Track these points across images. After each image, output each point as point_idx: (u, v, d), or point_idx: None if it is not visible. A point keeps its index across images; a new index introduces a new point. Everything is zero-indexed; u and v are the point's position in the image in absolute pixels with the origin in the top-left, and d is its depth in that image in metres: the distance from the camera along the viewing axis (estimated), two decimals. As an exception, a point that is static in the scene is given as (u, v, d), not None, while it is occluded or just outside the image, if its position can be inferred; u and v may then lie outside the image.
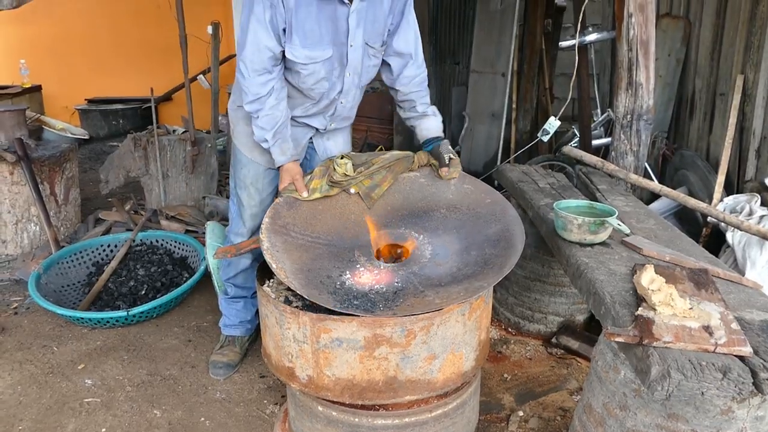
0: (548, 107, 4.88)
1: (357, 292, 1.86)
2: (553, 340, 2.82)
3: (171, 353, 2.86)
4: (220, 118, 5.33)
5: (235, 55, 5.75)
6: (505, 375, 2.65)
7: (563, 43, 4.30)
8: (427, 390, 1.83)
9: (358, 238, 2.11)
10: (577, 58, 3.68)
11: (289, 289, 2.04)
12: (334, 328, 1.74)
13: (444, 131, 2.47)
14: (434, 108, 2.39)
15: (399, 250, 2.12)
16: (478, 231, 2.10)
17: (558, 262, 2.43)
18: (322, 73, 2.16)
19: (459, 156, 2.41)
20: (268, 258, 1.94)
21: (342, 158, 2.19)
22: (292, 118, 2.28)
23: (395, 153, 2.25)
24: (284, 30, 2.05)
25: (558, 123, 3.53)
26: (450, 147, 2.30)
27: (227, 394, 2.57)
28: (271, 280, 2.13)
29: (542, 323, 2.88)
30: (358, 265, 2.00)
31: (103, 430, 2.36)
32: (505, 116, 4.81)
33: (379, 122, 5.54)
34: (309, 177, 2.17)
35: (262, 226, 2.04)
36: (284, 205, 2.11)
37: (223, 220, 3.88)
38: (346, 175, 2.17)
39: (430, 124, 2.35)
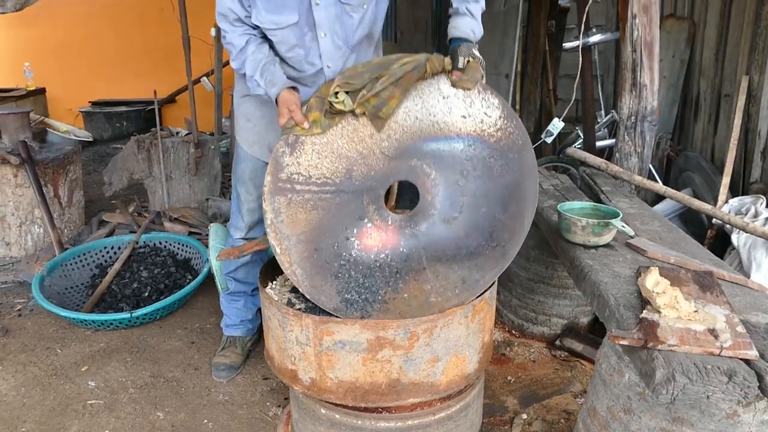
0: (552, 108, 4.87)
1: (362, 270, 1.87)
2: (557, 342, 2.81)
3: (174, 355, 2.86)
4: (223, 120, 5.33)
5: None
6: (509, 377, 2.64)
7: (567, 45, 4.30)
8: (431, 392, 1.82)
9: (367, 177, 1.97)
10: (580, 59, 3.67)
11: (292, 290, 2.04)
12: (336, 330, 1.74)
13: None
14: (477, 7, 2.05)
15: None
16: (493, 176, 1.93)
17: (562, 264, 2.42)
18: (293, 39, 2.10)
19: None
20: (272, 238, 1.89)
21: (337, 94, 1.91)
22: None
23: (405, 60, 1.92)
24: None
25: (562, 124, 3.52)
26: (475, 51, 1.94)
27: (230, 396, 2.56)
28: (274, 282, 2.13)
29: (546, 325, 2.87)
30: (366, 220, 1.95)
31: (107, 431, 2.36)
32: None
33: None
34: (305, 108, 1.96)
35: (264, 188, 1.93)
36: (286, 150, 1.96)
37: (227, 222, 3.87)
38: (343, 105, 1.95)
39: (458, 22, 2.02)
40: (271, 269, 2.12)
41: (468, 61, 1.90)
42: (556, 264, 2.74)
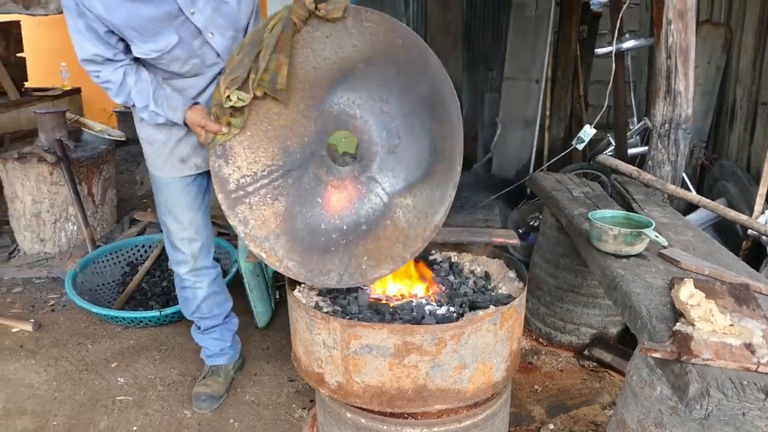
0: (582, 115, 4.82)
1: (342, 233, 1.95)
2: (586, 352, 2.77)
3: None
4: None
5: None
6: (536, 386, 2.61)
7: (599, 50, 4.25)
8: (457, 400, 1.81)
9: (303, 145, 1.99)
10: (613, 65, 3.62)
11: (319, 293, 2.05)
12: (364, 334, 1.74)
13: (476, 138, 2.37)
14: None
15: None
16: (410, 89, 1.94)
17: (592, 273, 2.39)
18: (183, 54, 2.03)
19: (492, 162, 2.20)
20: (252, 247, 1.93)
21: (228, 98, 1.89)
22: None
23: (271, 24, 1.88)
24: (110, 32, 1.95)
25: (593, 131, 3.48)
26: None
27: (256, 396, 2.58)
28: (302, 285, 2.13)
29: (574, 335, 2.84)
30: (324, 185, 1.99)
31: (135, 428, 2.39)
32: (538, 123, 4.76)
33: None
34: (213, 117, 1.96)
35: (221, 206, 1.94)
36: (221, 162, 1.97)
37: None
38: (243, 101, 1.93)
39: None
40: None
41: None
42: (585, 272, 2.71)
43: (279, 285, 3.29)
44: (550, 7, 4.66)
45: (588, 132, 3.49)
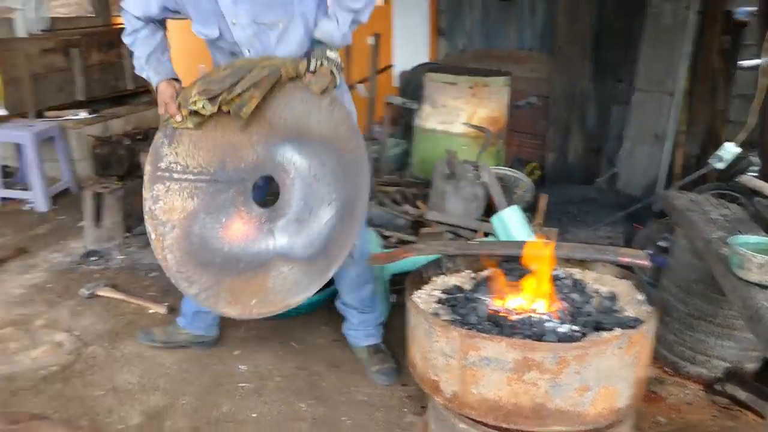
0: (721, 131, 4.50)
1: (221, 260, 2.13)
2: (717, 386, 2.57)
3: (318, 351, 2.98)
4: (375, 127, 5.49)
5: (391, 66, 5.95)
6: (660, 418, 2.46)
7: (745, 63, 3.97)
8: (577, 423, 1.75)
9: (238, 169, 2.21)
10: (760, 79, 3.36)
11: (438, 301, 2.05)
12: (483, 346, 1.73)
13: (600, 151, 2.29)
14: (345, 16, 2.09)
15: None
16: (338, 186, 2.08)
17: (729, 303, 2.23)
18: (227, 47, 2.20)
19: (614, 177, 2.14)
20: (148, 224, 2.11)
21: (194, 102, 2.09)
22: None
23: (263, 64, 2.06)
24: (166, 8, 2.20)
25: (736, 150, 3.24)
26: (332, 54, 2.07)
27: (369, 396, 2.62)
28: (421, 291, 2.15)
29: (705, 367, 2.64)
30: (234, 210, 2.17)
31: (254, 414, 2.51)
32: (671, 139, 4.51)
33: (531, 138, 5.43)
34: (178, 104, 2.16)
35: (144, 176, 2.14)
36: (165, 141, 2.16)
37: (377, 227, 3.92)
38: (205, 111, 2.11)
39: (322, 25, 2.11)
40: (417, 277, 2.15)
41: (321, 64, 2.01)
42: (721, 301, 2.51)
43: (397, 289, 3.30)
44: (688, 16, 4.40)
45: (729, 150, 3.25)
